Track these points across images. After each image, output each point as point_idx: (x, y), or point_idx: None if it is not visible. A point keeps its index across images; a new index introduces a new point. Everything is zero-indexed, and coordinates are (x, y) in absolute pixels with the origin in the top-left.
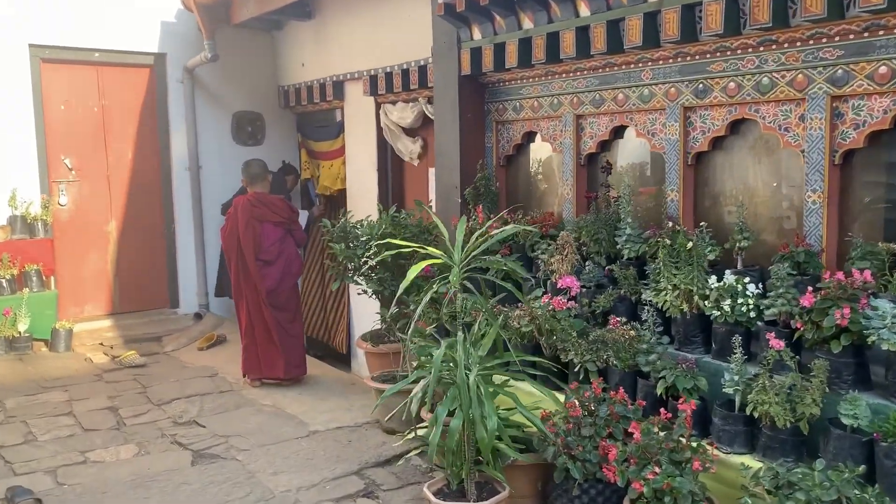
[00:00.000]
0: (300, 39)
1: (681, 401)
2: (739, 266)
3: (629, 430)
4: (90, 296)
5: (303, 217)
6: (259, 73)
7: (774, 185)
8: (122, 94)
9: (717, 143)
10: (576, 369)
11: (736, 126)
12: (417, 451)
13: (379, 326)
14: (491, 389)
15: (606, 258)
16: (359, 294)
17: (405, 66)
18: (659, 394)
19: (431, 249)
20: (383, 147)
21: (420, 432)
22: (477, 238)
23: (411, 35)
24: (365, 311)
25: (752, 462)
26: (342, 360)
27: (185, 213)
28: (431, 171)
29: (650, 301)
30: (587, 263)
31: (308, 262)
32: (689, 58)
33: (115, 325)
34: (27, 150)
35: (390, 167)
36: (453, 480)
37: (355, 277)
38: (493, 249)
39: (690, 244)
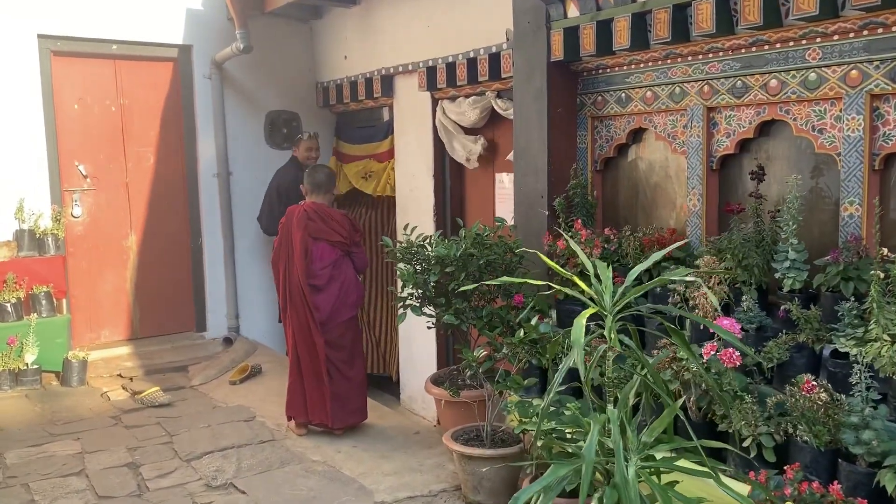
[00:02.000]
0: (343, 29)
1: None
2: None
3: None
4: (107, 319)
5: None
6: (295, 67)
7: None
8: (143, 91)
9: None
10: (745, 443)
11: None
12: None
13: (438, 361)
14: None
15: (758, 290)
16: (429, 328)
17: (472, 55)
18: (890, 493)
19: (582, 285)
20: (440, 150)
21: None
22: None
23: (481, 17)
24: (412, 334)
25: None
26: (384, 384)
27: (214, 225)
28: (499, 176)
29: (850, 353)
30: (743, 298)
31: None
32: (882, 30)
33: (135, 353)
34: (36, 154)
35: (448, 173)
36: None
37: (424, 308)
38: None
39: None
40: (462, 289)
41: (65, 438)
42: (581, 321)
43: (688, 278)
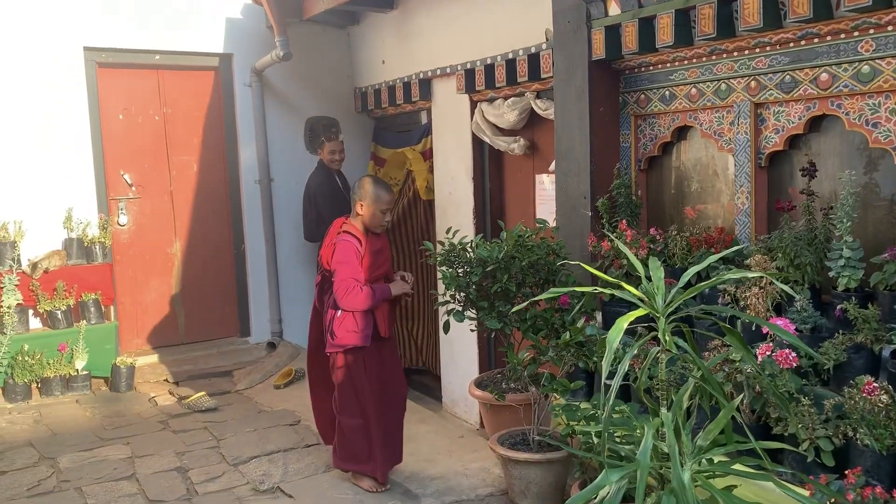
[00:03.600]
0: (380, 34)
1: None
2: None
3: None
4: (153, 326)
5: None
6: (334, 73)
7: None
8: (185, 100)
9: None
10: (801, 447)
11: None
12: None
13: (480, 365)
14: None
15: (811, 289)
16: (472, 331)
17: (511, 56)
18: None
19: (629, 288)
20: (479, 152)
21: None
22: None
23: (519, 18)
24: (453, 336)
25: None
26: (426, 388)
27: (256, 231)
28: (539, 178)
29: None
30: (797, 298)
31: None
32: None
33: (180, 359)
34: (83, 164)
35: (488, 175)
36: None
37: (466, 312)
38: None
39: None
40: (515, 309)
41: (115, 443)
42: (622, 324)
43: (749, 275)
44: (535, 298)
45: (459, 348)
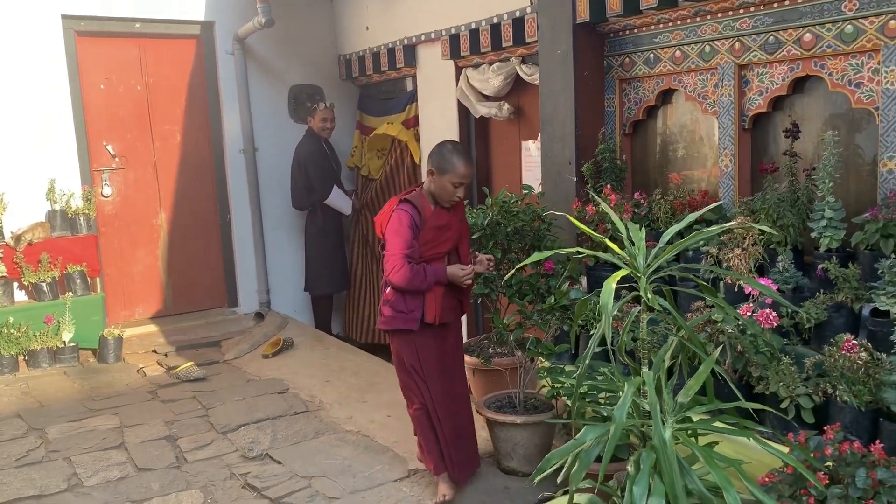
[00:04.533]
0: None
1: None
2: None
3: None
4: (140, 297)
5: (340, 200)
6: (317, 40)
7: None
8: (168, 69)
9: None
10: (782, 405)
11: None
12: None
13: (467, 331)
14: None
15: (794, 250)
16: None
17: (495, 21)
18: None
19: (614, 247)
20: (465, 119)
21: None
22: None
23: None
24: None
25: None
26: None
27: (242, 201)
28: (526, 144)
29: (890, 311)
30: (779, 259)
31: (356, 243)
32: None
33: (168, 329)
34: (65, 135)
35: (474, 142)
36: None
37: None
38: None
39: None
40: (506, 277)
41: (104, 413)
42: (611, 284)
43: (729, 226)
44: (521, 265)
45: None
